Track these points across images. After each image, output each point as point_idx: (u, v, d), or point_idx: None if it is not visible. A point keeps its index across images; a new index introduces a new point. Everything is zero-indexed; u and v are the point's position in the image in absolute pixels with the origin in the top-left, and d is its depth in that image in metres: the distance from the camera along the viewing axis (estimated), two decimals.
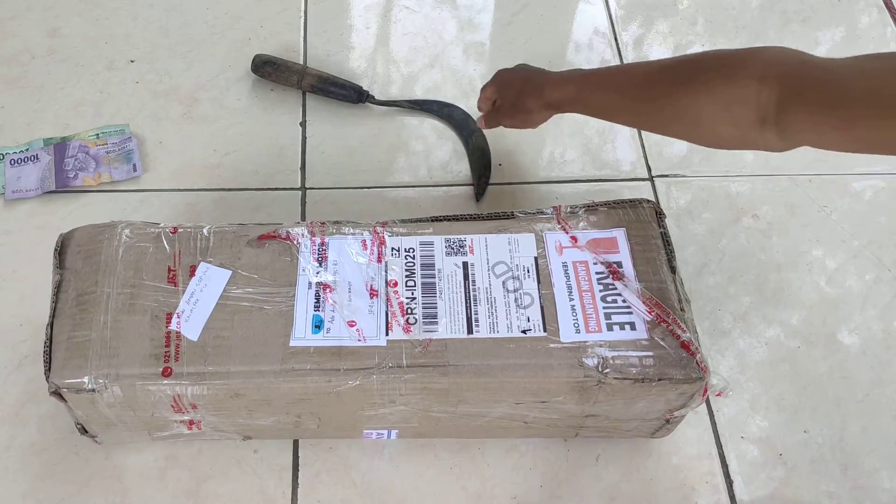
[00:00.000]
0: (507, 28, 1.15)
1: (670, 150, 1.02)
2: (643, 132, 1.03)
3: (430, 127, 1.03)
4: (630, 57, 1.11)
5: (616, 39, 1.13)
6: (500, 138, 1.01)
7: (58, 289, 0.70)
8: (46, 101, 1.03)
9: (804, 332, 0.88)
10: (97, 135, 0.99)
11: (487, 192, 0.97)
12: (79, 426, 0.72)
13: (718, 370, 0.85)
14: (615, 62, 1.10)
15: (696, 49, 1.12)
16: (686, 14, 1.17)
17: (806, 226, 0.96)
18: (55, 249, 0.72)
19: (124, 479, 0.77)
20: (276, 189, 0.97)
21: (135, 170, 0.96)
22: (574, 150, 1.02)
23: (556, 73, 0.81)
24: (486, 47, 1.12)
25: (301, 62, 1.07)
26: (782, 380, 0.85)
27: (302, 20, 1.13)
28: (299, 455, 0.78)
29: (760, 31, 1.15)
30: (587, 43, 1.13)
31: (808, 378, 0.85)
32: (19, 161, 0.96)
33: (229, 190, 0.96)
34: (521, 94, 0.83)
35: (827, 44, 1.14)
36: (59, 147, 0.97)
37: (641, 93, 0.69)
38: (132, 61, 1.07)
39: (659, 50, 1.12)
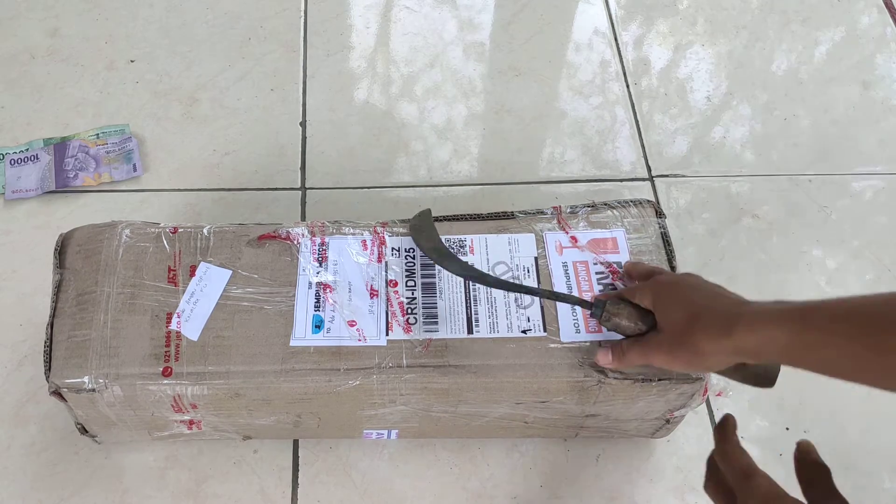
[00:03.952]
0: (507, 28, 1.15)
1: (670, 150, 1.02)
2: (642, 132, 1.03)
3: (430, 127, 1.03)
4: (630, 57, 1.11)
5: (616, 39, 1.13)
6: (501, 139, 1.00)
7: (58, 288, 0.70)
8: (46, 101, 1.03)
9: None
10: (97, 135, 0.99)
11: (486, 191, 0.97)
12: (79, 426, 0.72)
13: None
14: (615, 62, 1.10)
15: (697, 49, 1.12)
16: (686, 14, 1.17)
17: (806, 226, 0.96)
18: (55, 249, 0.72)
19: (124, 479, 0.77)
20: (276, 189, 0.97)
21: (135, 170, 0.96)
22: (574, 150, 1.02)
23: (752, 303, 0.57)
24: (486, 47, 1.12)
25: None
26: (782, 380, 0.85)
27: (302, 20, 1.13)
28: (299, 455, 0.78)
29: (760, 32, 1.15)
30: (587, 43, 1.13)
31: (808, 378, 0.85)
32: (19, 161, 0.96)
33: (229, 190, 0.96)
34: (689, 331, 0.58)
35: (827, 44, 1.14)
36: (59, 147, 0.97)
37: None
38: (132, 61, 1.07)
39: (659, 50, 1.12)
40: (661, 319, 0.62)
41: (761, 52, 1.13)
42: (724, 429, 0.60)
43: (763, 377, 0.63)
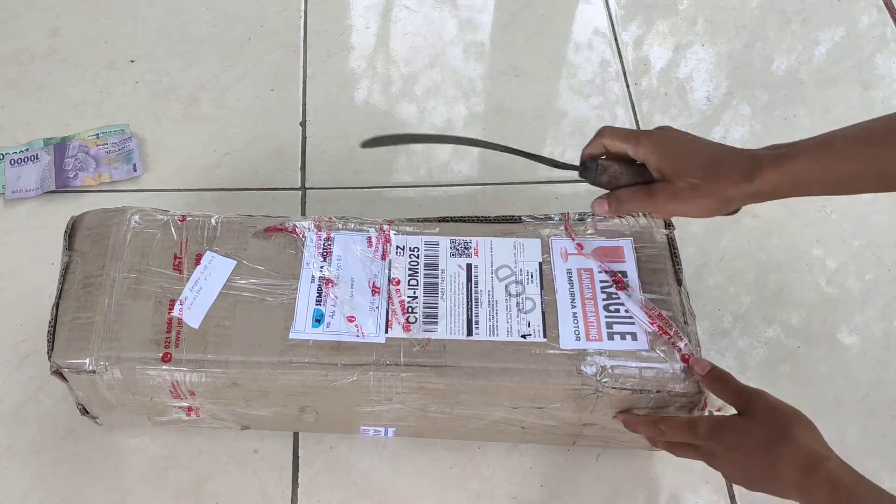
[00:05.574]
0: (507, 28, 1.15)
1: None
2: None
3: (430, 127, 1.03)
4: (630, 57, 1.11)
5: (616, 39, 1.13)
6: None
7: (65, 270, 0.71)
8: (46, 101, 1.03)
9: (804, 332, 0.88)
10: (97, 135, 0.99)
11: (486, 191, 0.97)
12: (80, 406, 0.73)
13: None
14: (615, 62, 1.10)
15: (697, 49, 1.12)
16: (686, 14, 1.17)
17: (806, 226, 0.96)
18: (65, 231, 0.73)
19: (124, 479, 0.77)
20: (276, 189, 0.97)
21: (135, 170, 0.96)
22: (574, 150, 1.01)
23: (758, 150, 0.63)
24: (486, 47, 1.12)
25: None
26: (782, 380, 0.85)
27: (302, 20, 1.13)
28: (299, 455, 0.78)
29: (760, 32, 1.15)
30: (587, 43, 1.13)
31: (808, 378, 0.85)
32: (19, 161, 0.96)
33: (229, 190, 0.96)
34: (713, 171, 0.62)
35: (827, 44, 1.14)
36: (59, 147, 0.97)
37: None
38: (132, 61, 1.08)
39: (659, 50, 1.12)
40: (670, 169, 0.63)
41: (761, 52, 1.13)
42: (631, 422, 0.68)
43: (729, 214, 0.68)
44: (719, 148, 0.64)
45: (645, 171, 0.67)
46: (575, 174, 0.73)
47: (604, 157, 0.69)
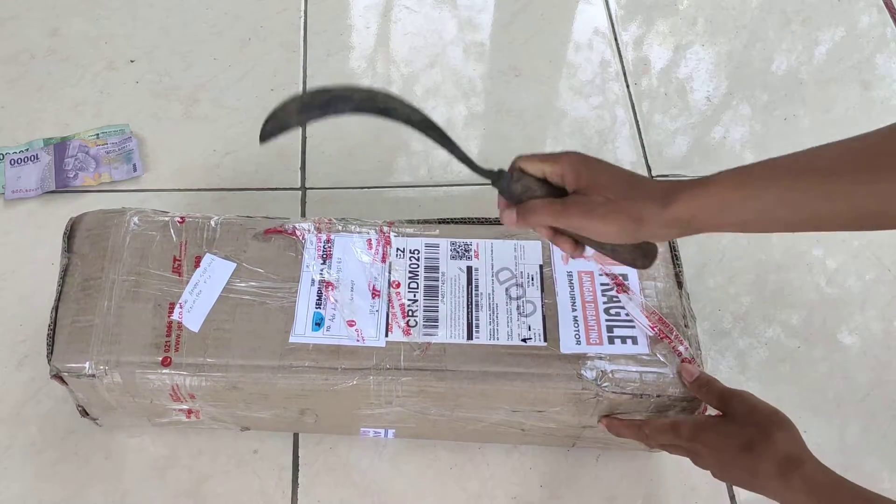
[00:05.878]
0: (507, 28, 1.15)
1: (670, 150, 1.02)
2: (642, 132, 1.03)
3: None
4: (630, 57, 1.11)
5: (616, 39, 1.13)
6: (506, 141, 1.00)
7: (64, 273, 0.71)
8: (46, 101, 1.03)
9: (804, 332, 0.88)
10: (97, 135, 0.99)
11: (486, 191, 0.97)
12: (80, 408, 0.73)
13: (718, 370, 0.85)
14: (615, 62, 1.10)
15: (697, 49, 1.12)
16: (686, 14, 1.17)
17: None
18: (64, 233, 0.73)
19: (124, 479, 0.77)
20: (276, 189, 0.97)
21: (135, 170, 0.96)
22: (574, 150, 1.01)
23: (675, 181, 0.58)
24: (486, 47, 1.12)
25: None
26: (782, 380, 0.85)
27: (302, 20, 1.13)
28: (299, 455, 0.78)
29: (760, 32, 1.15)
30: (587, 43, 1.13)
31: (808, 378, 0.85)
32: (19, 161, 0.96)
33: (229, 190, 0.96)
34: (630, 191, 0.58)
35: (827, 44, 1.14)
36: (59, 147, 0.97)
37: (862, 184, 0.55)
38: (132, 61, 1.07)
39: (659, 50, 1.12)
40: (587, 183, 0.59)
41: (761, 52, 1.13)
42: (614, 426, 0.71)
43: (646, 255, 0.63)
44: (639, 175, 0.61)
45: (560, 192, 0.61)
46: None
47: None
